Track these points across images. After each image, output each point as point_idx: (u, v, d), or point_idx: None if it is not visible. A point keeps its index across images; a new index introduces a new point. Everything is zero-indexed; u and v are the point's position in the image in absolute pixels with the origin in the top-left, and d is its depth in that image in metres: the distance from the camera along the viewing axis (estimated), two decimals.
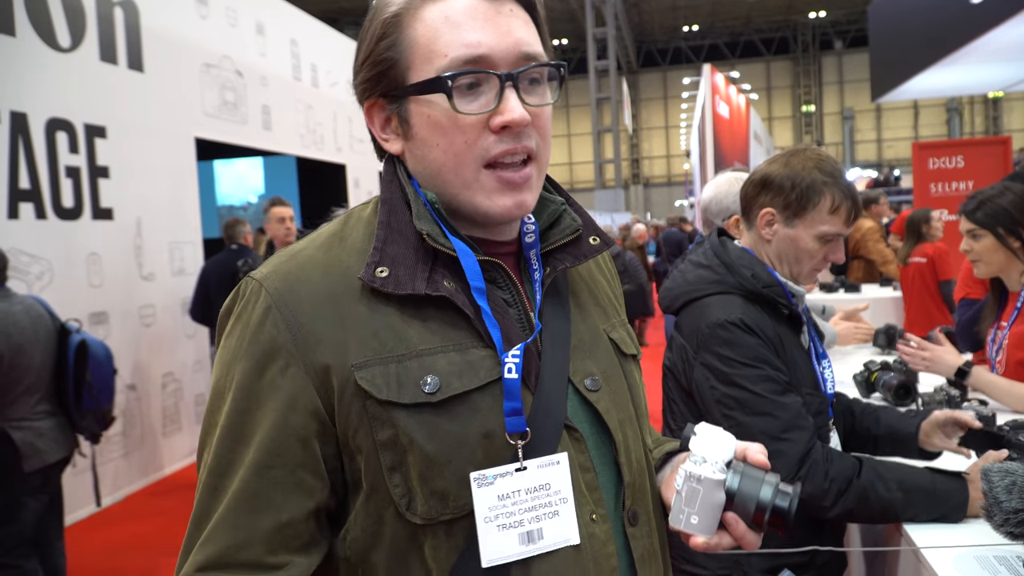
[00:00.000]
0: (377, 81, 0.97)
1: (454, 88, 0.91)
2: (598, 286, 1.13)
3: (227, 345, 0.94)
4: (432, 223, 0.95)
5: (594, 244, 1.06)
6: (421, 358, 0.90)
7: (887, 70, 12.20)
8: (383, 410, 0.89)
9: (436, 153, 0.95)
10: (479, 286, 0.94)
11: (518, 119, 0.92)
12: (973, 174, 6.26)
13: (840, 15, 35.56)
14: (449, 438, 0.89)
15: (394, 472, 0.89)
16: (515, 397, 0.90)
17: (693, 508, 0.92)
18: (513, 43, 0.93)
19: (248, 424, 0.90)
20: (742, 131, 15.47)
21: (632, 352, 1.10)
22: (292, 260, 0.96)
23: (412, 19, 0.94)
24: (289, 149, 8.33)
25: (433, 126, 0.94)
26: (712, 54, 38.35)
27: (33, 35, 4.91)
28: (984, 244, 2.55)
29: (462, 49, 0.92)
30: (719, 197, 2.70)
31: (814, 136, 39.00)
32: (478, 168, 0.94)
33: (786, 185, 1.82)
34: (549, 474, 0.91)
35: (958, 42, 8.85)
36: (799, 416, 1.73)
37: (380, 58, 0.96)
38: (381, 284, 0.91)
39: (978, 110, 37.02)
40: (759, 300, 1.84)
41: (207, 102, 6.74)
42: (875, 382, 2.80)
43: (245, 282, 0.96)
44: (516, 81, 0.93)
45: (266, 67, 7.77)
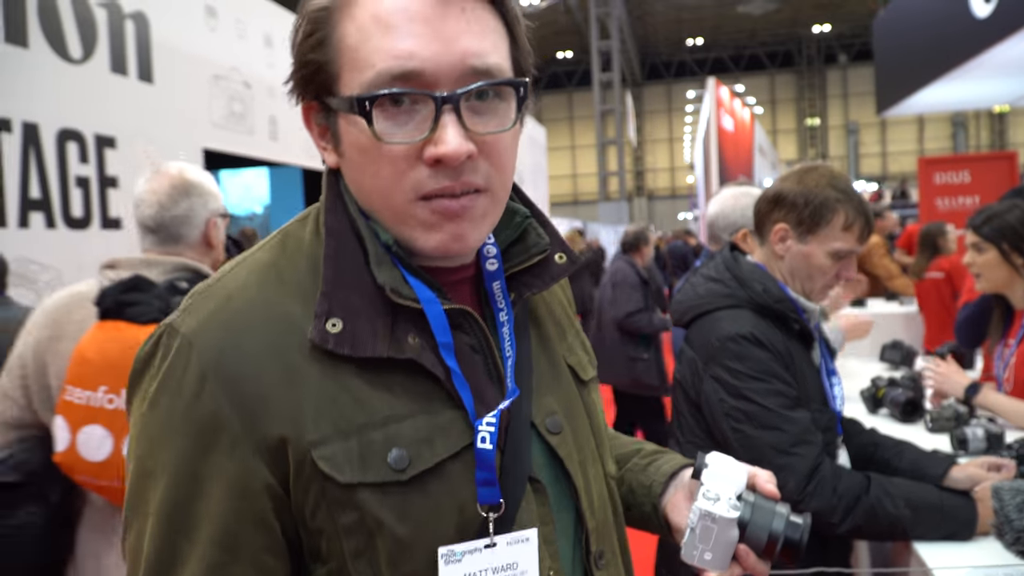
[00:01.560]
0: (305, 84, 0.83)
1: (375, 108, 0.76)
2: (554, 299, 1.04)
3: (153, 416, 0.79)
4: (392, 269, 0.82)
5: (561, 263, 0.93)
6: (386, 427, 0.79)
7: (892, 84, 12.24)
8: (346, 493, 0.77)
9: (366, 179, 0.82)
10: (446, 341, 0.82)
11: (451, 153, 0.76)
12: (979, 189, 6.26)
13: (844, 28, 35.65)
14: (422, 516, 0.79)
15: (359, 558, 0.79)
16: (489, 468, 0.81)
17: (707, 545, 0.91)
18: (459, 55, 0.77)
19: (191, 515, 0.77)
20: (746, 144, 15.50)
21: (590, 376, 1.02)
22: (224, 310, 0.80)
23: (342, 16, 0.79)
24: (295, 160, 8.37)
25: (360, 150, 0.80)
26: (716, 67, 38.46)
27: (45, 46, 4.96)
28: (987, 258, 2.57)
29: (390, 60, 0.76)
30: (725, 212, 2.71)
31: (818, 149, 39.04)
32: (411, 200, 0.80)
33: (799, 202, 1.83)
34: (517, 552, 0.83)
35: (964, 56, 8.88)
36: (808, 431, 1.74)
37: (305, 59, 0.81)
38: (335, 344, 0.78)
39: (984, 124, 37.02)
40: (770, 315, 1.85)
41: (215, 113, 6.78)
42: (882, 398, 2.80)
43: (167, 333, 0.80)
44: (456, 104, 0.77)
45: (274, 78, 7.82)
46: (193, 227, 1.92)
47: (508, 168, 0.84)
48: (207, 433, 0.77)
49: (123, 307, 1.72)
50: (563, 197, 41.02)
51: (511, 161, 0.84)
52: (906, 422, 2.67)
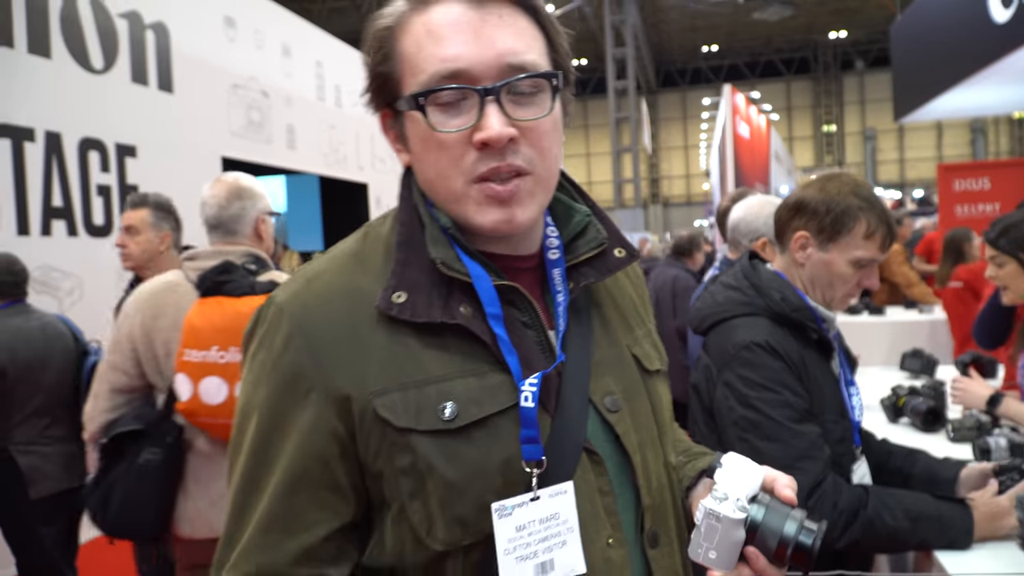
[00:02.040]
0: (377, 95, 0.97)
1: (429, 106, 0.90)
2: (623, 295, 1.12)
3: (252, 368, 0.95)
4: (446, 248, 0.94)
5: (619, 257, 1.04)
6: (439, 384, 0.90)
7: (910, 90, 12.14)
8: (402, 437, 0.89)
9: (428, 168, 0.95)
10: (495, 312, 0.93)
11: (494, 136, 0.88)
12: (999, 195, 6.20)
13: (861, 35, 35.49)
14: (470, 464, 0.89)
15: (414, 499, 0.90)
16: (531, 425, 0.90)
17: (711, 544, 0.91)
18: (496, 54, 0.89)
19: (272, 448, 0.92)
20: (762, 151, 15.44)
21: (656, 368, 1.09)
22: (311, 285, 0.96)
23: (401, 32, 0.93)
24: (312, 168, 8.42)
25: (422, 143, 0.94)
26: (732, 74, 38.37)
27: (68, 57, 5.02)
28: (1008, 271, 2.55)
29: (439, 64, 0.89)
30: (748, 218, 2.70)
31: (835, 156, 38.83)
32: (467, 183, 0.92)
33: (821, 209, 1.82)
34: (558, 504, 0.91)
35: (983, 62, 8.79)
36: (814, 446, 1.72)
37: (375, 72, 0.96)
38: (398, 311, 0.91)
39: (1003, 130, 36.71)
40: (787, 323, 1.84)
41: (234, 122, 6.84)
42: (903, 407, 2.78)
43: (266, 306, 0.96)
44: (497, 95, 0.89)
45: (291, 88, 7.88)
46: (246, 223, 2.36)
47: (550, 153, 0.95)
48: (289, 382, 0.92)
49: (220, 285, 2.19)
50: None
51: (553, 147, 0.95)
52: (927, 432, 2.65)
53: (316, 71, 8.46)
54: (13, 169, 4.57)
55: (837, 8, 31.27)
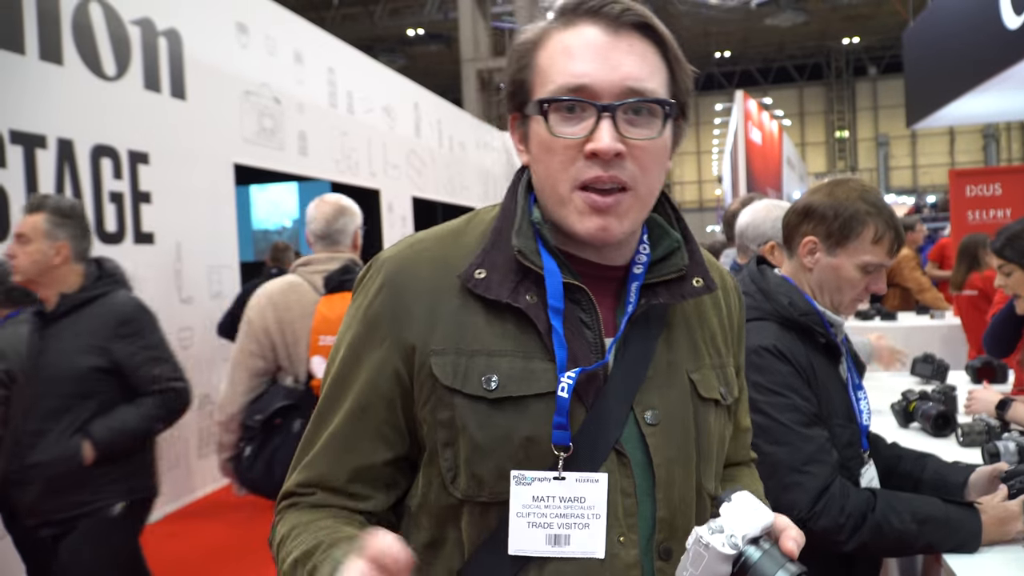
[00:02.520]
0: (511, 98, 1.07)
1: (550, 112, 0.98)
2: (704, 324, 1.14)
3: (350, 309, 1.09)
4: (529, 239, 1.03)
5: (696, 286, 1.08)
6: (490, 357, 1.00)
7: (923, 96, 12.08)
8: (447, 394, 1.00)
9: (541, 168, 1.03)
10: (557, 305, 1.01)
11: (604, 148, 0.96)
12: (1011, 201, 6.15)
13: (874, 41, 35.36)
14: (497, 432, 0.98)
15: (447, 448, 1.01)
16: (563, 413, 0.97)
17: (696, 571, 0.91)
18: (620, 77, 0.97)
19: (349, 377, 1.06)
20: (775, 157, 15.40)
21: (712, 397, 1.10)
22: (411, 248, 1.08)
23: (541, 46, 1.02)
24: (324, 174, 8.45)
25: (539, 145, 1.02)
26: (744, 80, 38.31)
27: (80, 64, 5.06)
28: (1016, 279, 2.54)
29: (567, 78, 0.98)
30: (756, 223, 2.69)
31: (848, 162, 38.68)
32: (572, 188, 0.99)
33: (829, 214, 1.82)
34: (586, 489, 0.98)
35: (995, 68, 8.75)
36: (822, 450, 1.72)
37: (514, 79, 1.05)
38: (474, 285, 1.01)
39: (1015, 136, 36.48)
40: (795, 328, 1.84)
41: (246, 128, 6.88)
42: (913, 412, 2.76)
43: (375, 259, 1.09)
44: (613, 112, 0.97)
45: (303, 94, 7.92)
46: (347, 235, 2.91)
47: (653, 173, 1.02)
48: (371, 326, 1.05)
49: (344, 283, 2.73)
50: None
51: (656, 169, 1.03)
52: (938, 436, 2.63)
53: (328, 78, 8.50)
54: (25, 176, 4.61)
55: (850, 14, 31.18)
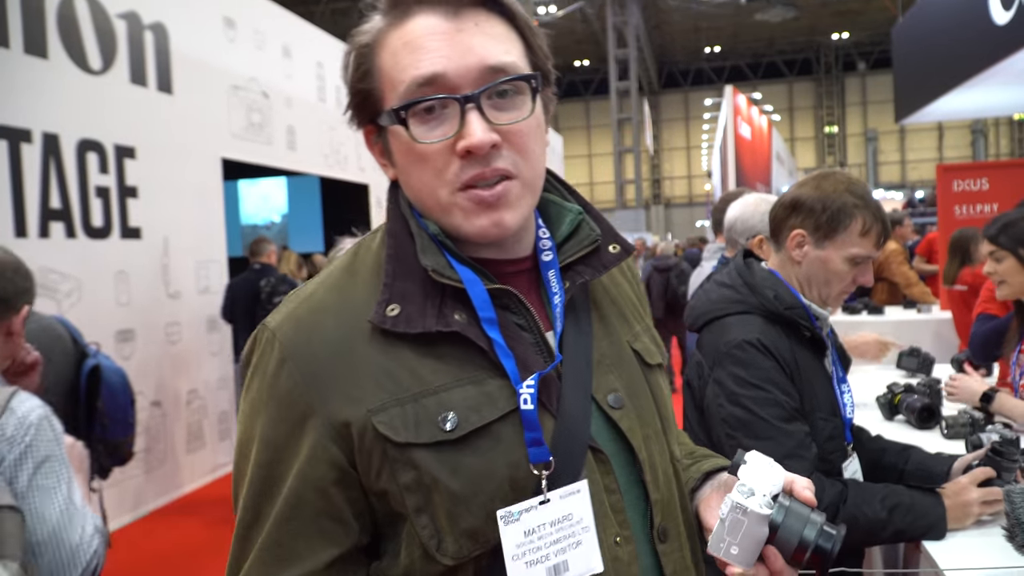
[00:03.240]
0: (359, 111, 0.96)
1: (410, 118, 0.89)
2: (621, 292, 1.11)
3: (247, 398, 0.94)
4: (437, 255, 0.93)
5: (614, 252, 1.03)
6: (438, 395, 0.89)
7: (911, 91, 12.13)
8: (402, 453, 0.87)
9: (413, 181, 0.94)
10: (489, 316, 0.92)
11: (477, 143, 0.87)
12: (997, 196, 6.17)
13: (863, 36, 35.48)
14: (473, 473, 0.88)
15: (421, 514, 0.88)
16: (533, 427, 0.89)
17: (735, 539, 0.90)
18: (476, 60, 0.88)
19: (271, 477, 0.91)
20: (764, 152, 15.44)
21: (657, 362, 1.08)
22: (303, 306, 0.95)
23: (379, 48, 0.92)
24: (313, 169, 8.43)
25: (405, 155, 0.93)
26: (734, 75, 38.37)
27: (65, 58, 5.03)
28: (1006, 266, 2.56)
29: (415, 74, 0.88)
30: (744, 216, 2.70)
31: (837, 157, 38.82)
32: (453, 192, 0.91)
33: (817, 207, 1.83)
34: (571, 504, 0.90)
35: (983, 63, 8.79)
36: (801, 446, 1.73)
37: (356, 89, 0.94)
38: (392, 324, 0.90)
39: (1003, 132, 36.70)
40: (780, 321, 1.84)
41: (234, 123, 6.85)
42: (898, 404, 2.78)
43: (260, 330, 0.95)
44: (477, 101, 0.88)
45: (292, 89, 7.89)
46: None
47: (533, 155, 0.94)
48: (285, 407, 0.90)
49: None
50: None
51: (536, 149, 0.94)
52: (922, 428, 2.65)
53: (317, 72, 8.47)
54: (10, 171, 4.58)
55: (839, 10, 31.27)
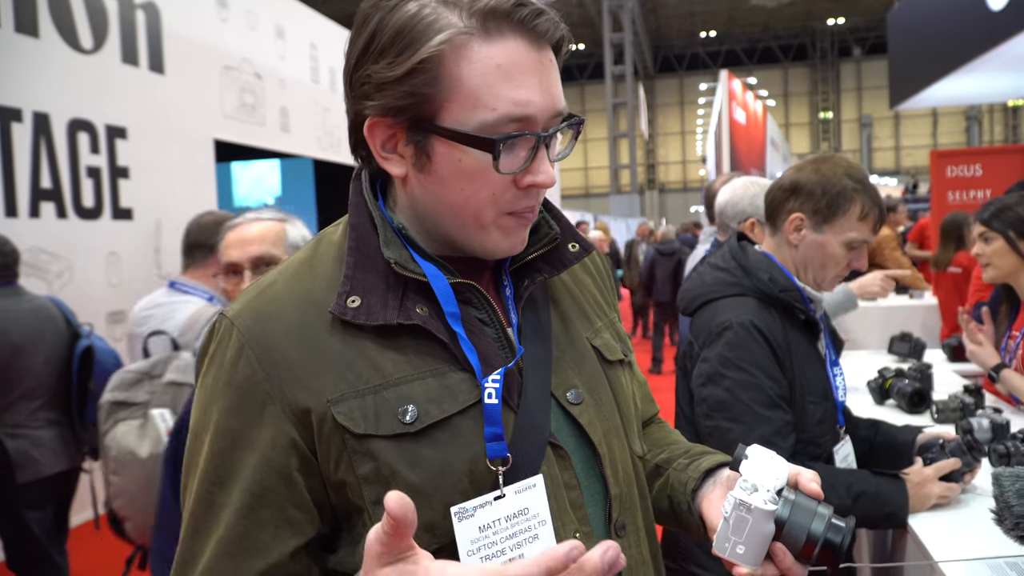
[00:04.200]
0: (400, 111, 0.89)
1: (503, 149, 0.88)
2: (583, 289, 1.11)
3: (203, 385, 0.93)
4: (400, 248, 0.93)
5: (573, 251, 1.04)
6: (398, 387, 0.89)
7: (906, 77, 12.13)
8: (361, 444, 0.87)
9: (456, 196, 0.91)
10: (453, 311, 0.92)
11: (548, 182, 0.91)
12: (991, 183, 6.20)
13: (859, 22, 35.39)
14: (432, 467, 0.87)
15: (378, 506, 0.86)
16: (496, 422, 0.88)
17: (740, 537, 0.87)
18: (552, 100, 0.90)
19: (228, 466, 0.88)
20: (759, 137, 15.42)
21: (617, 357, 1.08)
22: (263, 295, 0.94)
23: (458, 56, 0.87)
24: (306, 151, 8.39)
25: (462, 173, 0.90)
26: (729, 60, 38.25)
27: (56, 37, 4.98)
28: (995, 247, 2.58)
29: (512, 107, 0.87)
30: (735, 200, 2.70)
31: (831, 143, 38.81)
32: (499, 215, 0.92)
33: (816, 191, 1.83)
34: (527, 499, 0.89)
35: (979, 49, 8.79)
36: (777, 433, 1.73)
37: (416, 91, 0.88)
38: (353, 316, 0.89)
39: (997, 118, 36.73)
40: (775, 304, 1.84)
41: (226, 104, 6.80)
42: (889, 389, 2.80)
43: (219, 320, 0.94)
44: (549, 141, 0.91)
45: (285, 70, 7.83)
46: None
47: None
48: (243, 395, 0.89)
49: None
50: (575, 190, 40.92)
51: None
52: (912, 413, 2.66)
53: (311, 53, 8.41)
54: (0, 150, 4.54)
55: None
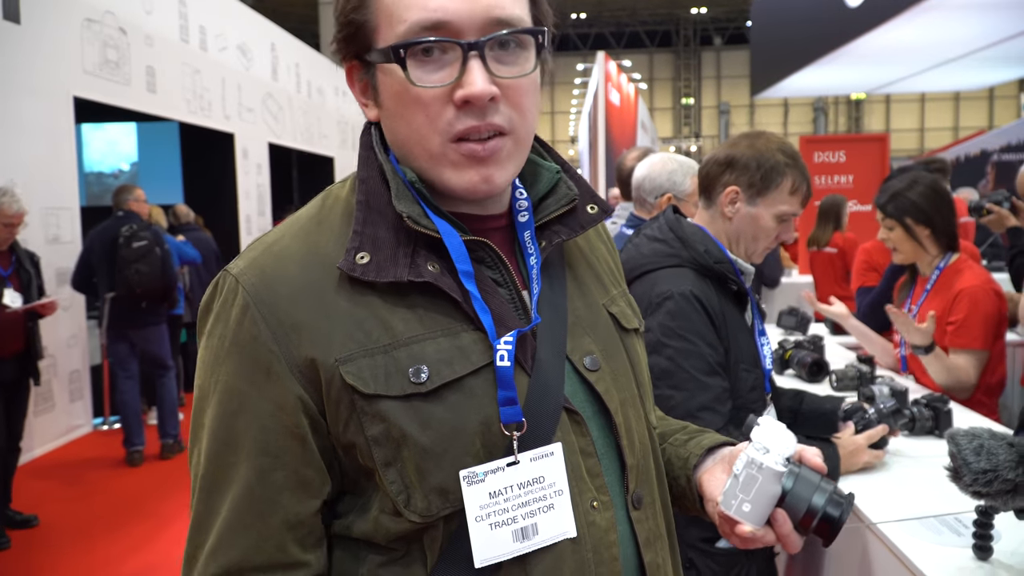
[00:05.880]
0: (347, 43, 0.91)
1: (409, 58, 0.84)
2: (597, 256, 1.09)
3: (208, 345, 0.89)
4: (412, 203, 0.89)
5: (592, 213, 0.99)
6: (409, 347, 0.85)
7: (767, 67, 12.78)
8: (371, 404, 0.84)
9: (401, 126, 0.89)
10: (466, 269, 0.88)
11: (477, 93, 0.84)
12: (853, 168, 6.65)
13: (720, 12, 36.91)
14: (444, 428, 0.84)
15: (389, 468, 0.85)
16: (509, 386, 0.86)
17: (748, 496, 0.90)
18: (483, 8, 0.84)
19: (237, 427, 0.86)
20: (631, 119, 15.83)
21: (634, 326, 1.06)
22: (268, 252, 0.90)
23: None
24: (174, 114, 7.90)
25: (396, 97, 0.88)
26: (599, 43, 39.01)
27: None
28: (897, 234, 2.73)
29: (421, 13, 0.83)
30: (652, 175, 2.76)
31: (692, 128, 40.43)
32: (444, 142, 0.87)
33: (751, 165, 1.89)
34: (543, 467, 0.87)
35: (835, 44, 9.37)
36: (717, 400, 1.79)
37: (347, 20, 0.89)
38: (362, 272, 0.86)
39: (842, 110, 39.35)
40: (709, 275, 1.89)
41: (87, 60, 6.30)
42: (789, 360, 2.95)
43: (222, 277, 0.90)
44: (481, 50, 0.84)
45: (151, 26, 7.33)
46: None
47: (529, 113, 0.91)
48: (249, 355, 0.86)
49: None
50: None
51: (532, 107, 0.91)
52: (812, 382, 2.82)
53: (179, 10, 7.90)
54: None
55: None
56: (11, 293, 4.27)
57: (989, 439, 1.25)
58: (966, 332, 2.58)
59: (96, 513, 4.77)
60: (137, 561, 4.10)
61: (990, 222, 3.67)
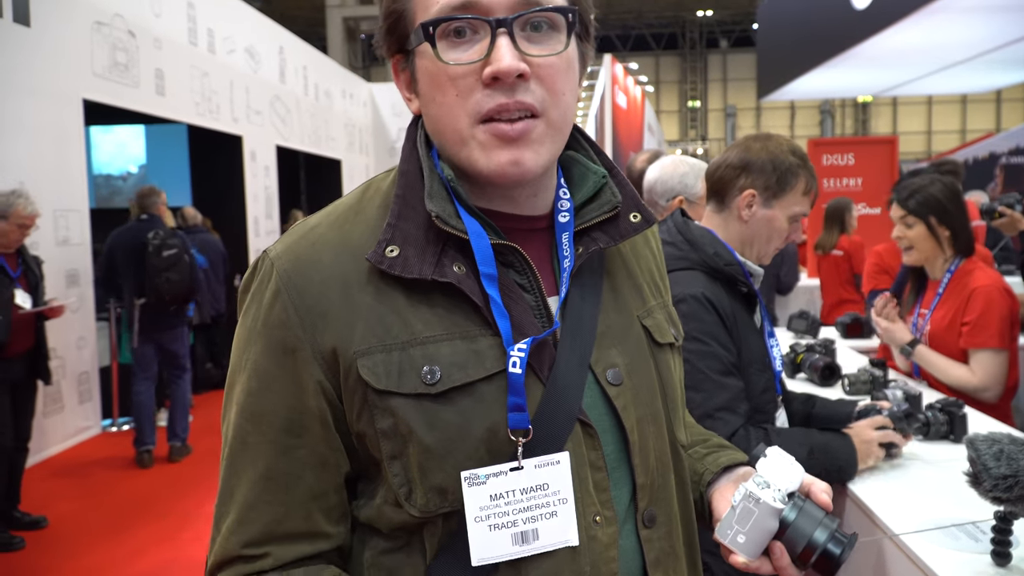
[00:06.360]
0: (389, 35, 0.92)
1: (437, 36, 0.85)
2: (641, 264, 1.06)
3: (243, 324, 0.93)
4: (445, 202, 0.89)
5: (634, 222, 0.97)
6: (425, 346, 0.86)
7: (773, 70, 12.75)
8: (382, 399, 0.86)
9: (434, 108, 0.89)
10: (489, 272, 0.88)
11: (505, 69, 0.83)
12: (862, 171, 6.63)
13: (726, 15, 36.86)
14: (450, 430, 0.85)
15: (394, 461, 0.87)
16: (518, 392, 0.85)
17: (743, 528, 0.90)
18: None
19: (263, 404, 0.89)
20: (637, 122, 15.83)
21: (668, 340, 1.03)
22: (305, 239, 0.92)
23: None
24: (183, 117, 7.93)
25: (430, 79, 0.88)
26: (604, 46, 38.99)
27: None
28: (916, 232, 2.69)
29: None
30: (664, 178, 2.74)
31: (698, 131, 40.36)
32: (473, 123, 0.86)
33: (768, 168, 1.90)
34: (548, 474, 0.87)
35: (841, 46, 9.34)
36: (734, 399, 1.79)
37: (389, 11, 0.91)
38: (389, 266, 0.86)
39: (848, 113, 39.23)
40: (719, 277, 1.90)
41: (96, 62, 6.32)
42: (801, 363, 2.93)
43: (262, 258, 0.93)
44: (510, 27, 0.84)
45: (160, 29, 7.35)
46: None
47: (563, 95, 0.89)
48: (277, 338, 0.88)
49: None
50: None
51: (567, 89, 0.89)
52: (824, 386, 2.80)
53: (188, 13, 7.93)
54: None
55: None
56: (21, 294, 4.30)
57: (1009, 444, 1.24)
58: (982, 330, 2.56)
59: (105, 514, 4.78)
60: (146, 562, 4.10)
61: (1002, 225, 3.65)
